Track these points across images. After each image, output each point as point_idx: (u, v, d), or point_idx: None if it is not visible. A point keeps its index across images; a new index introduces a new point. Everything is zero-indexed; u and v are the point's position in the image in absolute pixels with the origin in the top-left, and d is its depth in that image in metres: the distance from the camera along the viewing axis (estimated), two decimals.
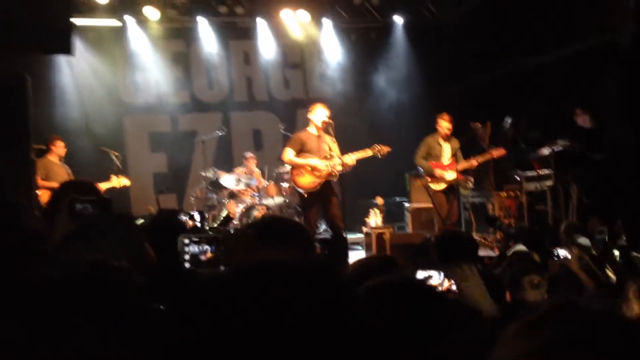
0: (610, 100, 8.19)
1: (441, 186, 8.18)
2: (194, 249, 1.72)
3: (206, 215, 9.52)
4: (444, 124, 8.23)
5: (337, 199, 7.41)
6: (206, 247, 1.72)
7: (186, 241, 1.75)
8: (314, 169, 7.32)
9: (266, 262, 1.08)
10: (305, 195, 7.37)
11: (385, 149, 7.56)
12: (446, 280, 2.44)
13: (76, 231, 1.92)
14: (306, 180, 7.37)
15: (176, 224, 2.74)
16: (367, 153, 7.50)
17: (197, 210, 6.54)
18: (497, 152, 8.11)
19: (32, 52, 7.71)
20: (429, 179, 8.27)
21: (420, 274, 2.58)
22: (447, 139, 8.28)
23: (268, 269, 1.05)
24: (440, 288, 2.43)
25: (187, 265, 1.71)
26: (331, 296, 1.02)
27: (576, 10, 8.55)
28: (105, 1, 10.46)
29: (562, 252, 4.12)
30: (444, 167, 8.16)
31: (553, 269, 4.06)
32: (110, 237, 1.85)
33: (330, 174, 7.33)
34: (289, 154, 7.44)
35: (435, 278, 2.49)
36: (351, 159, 7.36)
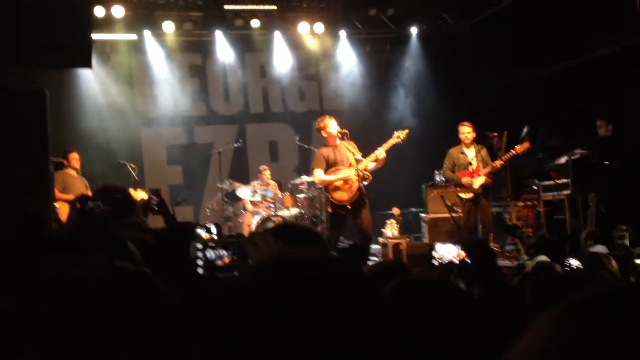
0: (629, 107, 8.11)
1: (468, 195, 8.12)
2: (209, 254, 1.72)
3: (222, 226, 9.54)
4: (465, 130, 8.18)
5: (369, 209, 7.51)
6: (222, 252, 1.71)
7: (200, 246, 1.74)
8: (346, 181, 7.40)
9: (290, 258, 1.06)
10: (348, 207, 7.49)
11: (404, 132, 7.61)
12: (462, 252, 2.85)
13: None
14: (343, 194, 7.50)
15: (192, 233, 2.75)
16: (390, 142, 7.55)
17: (212, 223, 6.52)
18: (522, 148, 7.94)
19: (52, 66, 7.82)
20: (459, 189, 8.22)
21: (439, 248, 2.91)
22: (470, 146, 8.22)
23: (293, 264, 1.02)
24: (457, 259, 2.80)
25: (200, 270, 1.70)
26: (358, 291, 0.99)
27: (594, 17, 8.49)
28: (122, 15, 10.57)
29: (574, 262, 4.06)
30: (470, 175, 8.10)
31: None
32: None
33: (362, 179, 7.40)
34: (318, 174, 7.61)
35: (453, 251, 2.81)
36: (380, 152, 7.41)
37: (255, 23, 11.38)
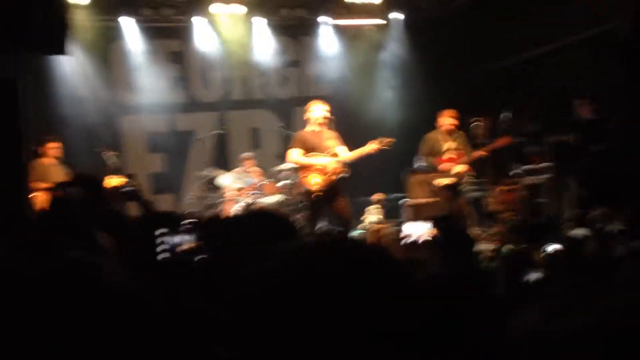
0: (611, 90, 8.12)
1: (445, 182, 8.04)
2: (172, 239, 1.67)
3: (203, 215, 9.48)
4: (447, 120, 8.09)
5: (346, 196, 7.37)
6: (186, 237, 1.67)
7: (162, 231, 1.70)
8: (321, 168, 7.23)
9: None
10: (314, 195, 7.26)
11: (387, 140, 7.47)
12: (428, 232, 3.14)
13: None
14: (315, 180, 7.29)
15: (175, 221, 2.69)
16: (366, 149, 7.41)
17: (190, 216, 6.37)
18: (503, 141, 7.92)
19: (28, 54, 7.67)
20: (433, 175, 8.14)
21: (407, 227, 3.21)
22: (450, 133, 8.14)
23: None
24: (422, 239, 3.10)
25: (162, 255, 1.65)
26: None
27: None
28: (99, 1, 10.41)
29: (551, 247, 4.04)
30: (449, 161, 8.04)
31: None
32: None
33: (338, 171, 7.26)
34: (294, 154, 7.36)
35: (422, 228, 3.09)
36: (350, 156, 7.28)
37: (234, 9, 11.25)
